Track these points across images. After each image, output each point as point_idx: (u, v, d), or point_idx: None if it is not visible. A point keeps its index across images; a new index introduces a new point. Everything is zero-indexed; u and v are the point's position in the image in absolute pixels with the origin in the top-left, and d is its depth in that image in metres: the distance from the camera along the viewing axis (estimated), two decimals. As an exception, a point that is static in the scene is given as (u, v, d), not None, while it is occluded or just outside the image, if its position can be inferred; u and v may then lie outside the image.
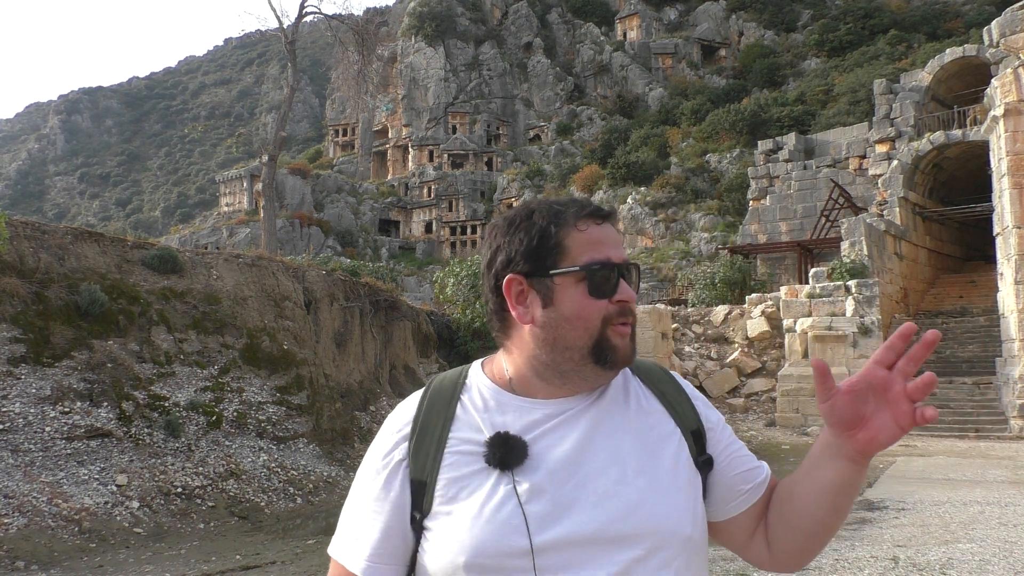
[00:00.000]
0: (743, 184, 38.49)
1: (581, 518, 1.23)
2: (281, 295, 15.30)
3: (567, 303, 1.30)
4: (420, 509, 1.29)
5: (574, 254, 1.31)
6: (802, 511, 1.38)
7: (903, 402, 1.21)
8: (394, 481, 1.32)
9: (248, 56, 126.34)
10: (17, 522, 8.28)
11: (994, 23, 23.15)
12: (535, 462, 1.26)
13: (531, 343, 1.33)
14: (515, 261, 1.32)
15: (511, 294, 1.33)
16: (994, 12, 37.24)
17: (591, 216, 1.34)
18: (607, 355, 1.30)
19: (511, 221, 1.36)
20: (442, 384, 1.40)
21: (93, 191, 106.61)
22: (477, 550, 1.21)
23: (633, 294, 1.35)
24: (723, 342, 21.60)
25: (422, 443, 1.32)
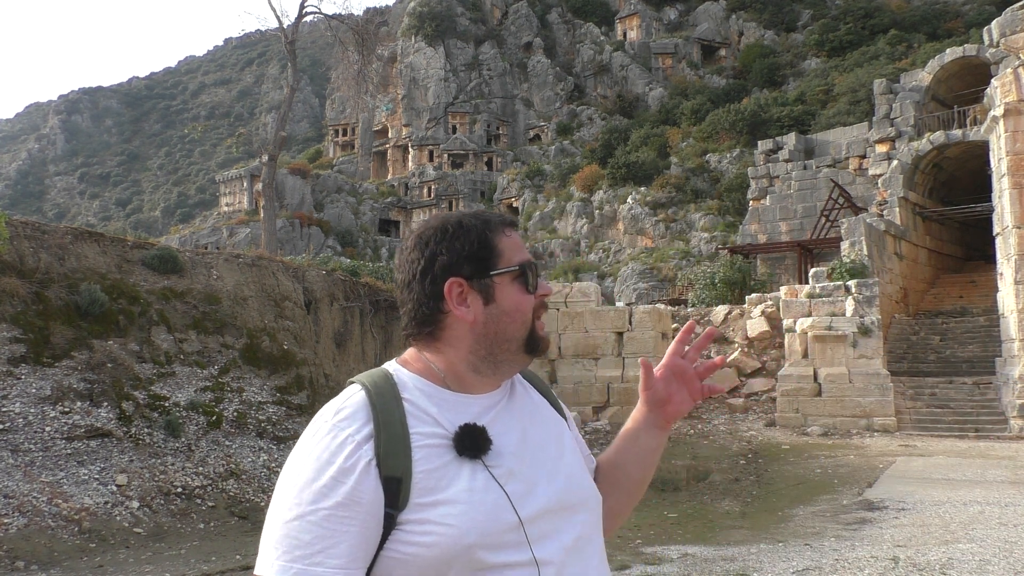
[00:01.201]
0: (743, 184, 38.49)
1: (545, 492, 1.44)
2: (281, 295, 15.30)
3: (506, 299, 1.47)
4: (395, 505, 1.33)
5: (508, 256, 1.48)
6: (626, 474, 1.70)
7: (695, 380, 1.66)
8: (365, 482, 1.32)
9: (248, 56, 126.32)
10: (17, 522, 8.28)
11: (994, 23, 23.15)
12: (495, 448, 1.42)
13: (470, 340, 1.47)
14: (457, 265, 1.45)
15: (452, 296, 1.45)
16: (994, 12, 37.23)
17: (510, 224, 1.54)
18: (536, 344, 1.51)
19: (444, 230, 1.48)
20: (377, 385, 1.43)
21: (93, 191, 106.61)
22: (480, 530, 1.34)
23: (550, 289, 1.56)
24: (723, 342, 21.59)
25: (390, 440, 1.35)
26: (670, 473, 14.02)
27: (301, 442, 1.40)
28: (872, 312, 18.15)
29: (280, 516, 1.33)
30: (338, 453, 1.34)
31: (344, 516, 1.31)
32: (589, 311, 19.60)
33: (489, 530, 1.35)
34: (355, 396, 1.42)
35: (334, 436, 1.36)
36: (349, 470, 1.32)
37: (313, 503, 1.31)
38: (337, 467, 1.32)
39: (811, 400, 18.17)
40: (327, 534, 1.30)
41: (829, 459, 14.06)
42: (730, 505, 10.75)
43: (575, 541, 1.46)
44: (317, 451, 1.35)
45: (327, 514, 1.30)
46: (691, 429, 18.06)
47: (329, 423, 1.38)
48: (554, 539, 1.43)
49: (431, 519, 1.33)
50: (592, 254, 45.47)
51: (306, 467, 1.34)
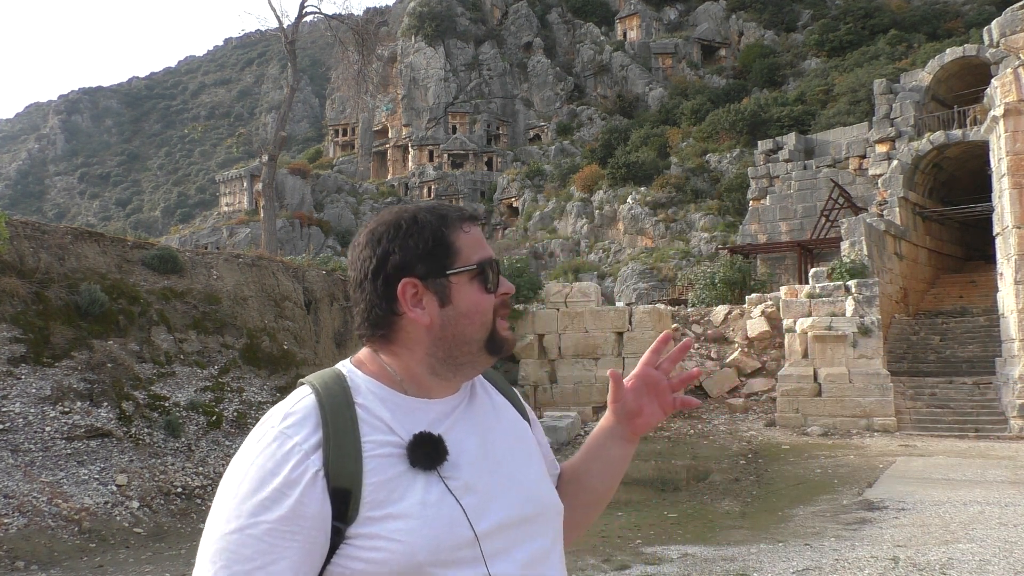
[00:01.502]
0: (743, 184, 38.48)
1: (503, 505, 1.37)
2: (281, 295, 15.31)
3: (464, 300, 1.39)
4: (343, 519, 1.26)
5: (466, 254, 1.40)
6: (588, 487, 1.64)
7: (667, 393, 1.57)
8: (311, 494, 1.24)
9: (248, 56, 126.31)
10: (17, 522, 8.28)
11: (994, 23, 23.15)
12: (452, 459, 1.35)
13: (427, 342, 1.39)
14: (410, 264, 1.37)
15: (406, 297, 1.37)
16: (994, 12, 37.22)
17: (470, 219, 1.44)
18: (498, 345, 1.42)
19: (397, 227, 1.39)
20: (328, 388, 1.35)
21: (93, 191, 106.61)
22: (433, 547, 1.27)
23: (512, 287, 1.47)
24: (723, 342, 21.59)
25: (341, 450, 1.27)
26: (670, 473, 14.03)
27: (245, 448, 1.31)
28: (872, 312, 18.15)
29: (219, 528, 1.24)
30: (283, 463, 1.25)
31: (287, 531, 1.23)
32: (589, 311, 19.60)
33: (442, 546, 1.28)
34: (304, 400, 1.33)
35: (280, 444, 1.27)
36: (294, 482, 1.24)
37: (254, 516, 1.23)
38: (282, 478, 1.24)
39: (811, 400, 18.17)
40: (268, 549, 1.22)
41: (829, 459, 14.06)
42: (730, 505, 10.75)
43: (533, 555, 1.39)
44: (261, 460, 1.26)
45: (269, 528, 1.22)
46: (691, 429, 18.06)
47: (276, 429, 1.29)
48: (511, 554, 1.36)
49: (381, 534, 1.26)
50: (592, 254, 45.47)
51: (249, 477, 1.26)
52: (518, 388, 19.65)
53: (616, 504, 11.16)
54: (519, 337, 19.79)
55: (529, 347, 19.61)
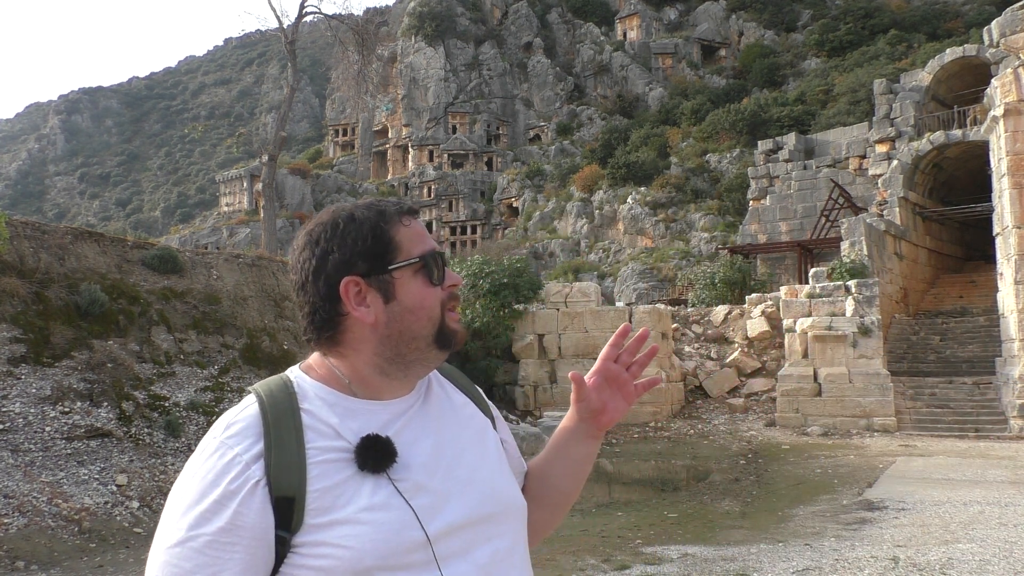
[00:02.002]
0: (743, 184, 38.48)
1: (459, 505, 1.35)
2: (281, 295, 15.31)
3: (409, 295, 1.37)
4: (288, 527, 1.25)
5: (407, 247, 1.38)
6: (554, 486, 1.61)
7: (628, 383, 1.57)
8: (250, 504, 1.23)
9: (248, 56, 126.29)
10: (17, 522, 8.28)
11: (994, 23, 23.15)
12: (403, 460, 1.33)
13: (373, 341, 1.36)
14: (351, 262, 1.35)
15: (349, 296, 1.35)
16: (994, 12, 37.23)
17: (408, 212, 1.42)
18: (448, 340, 1.40)
19: (335, 226, 1.37)
20: (273, 396, 1.33)
21: (93, 191, 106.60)
22: (380, 552, 1.25)
23: (459, 279, 1.45)
24: (723, 342, 21.60)
25: (282, 458, 1.26)
26: (670, 473, 14.03)
27: (191, 461, 1.30)
28: (872, 312, 18.15)
29: (162, 541, 1.24)
30: (223, 474, 1.24)
31: (227, 542, 1.22)
32: (589, 311, 19.61)
33: (391, 550, 1.26)
34: (247, 409, 1.31)
35: (221, 455, 1.26)
36: (233, 493, 1.23)
37: (195, 528, 1.22)
38: (221, 490, 1.23)
39: (811, 400, 18.17)
40: (209, 562, 1.21)
41: (829, 459, 14.06)
42: (730, 505, 10.75)
43: (492, 556, 1.36)
44: (203, 471, 1.25)
45: (208, 540, 1.21)
46: (691, 429, 18.06)
47: (217, 440, 1.28)
48: (469, 555, 1.33)
49: (327, 541, 1.25)
50: (592, 254, 45.47)
51: (190, 489, 1.25)
52: (518, 388, 19.66)
53: (616, 504, 11.17)
54: (519, 337, 19.78)
55: (529, 347, 19.61)
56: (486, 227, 58.71)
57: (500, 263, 21.23)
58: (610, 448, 16.31)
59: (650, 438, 17.26)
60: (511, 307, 19.84)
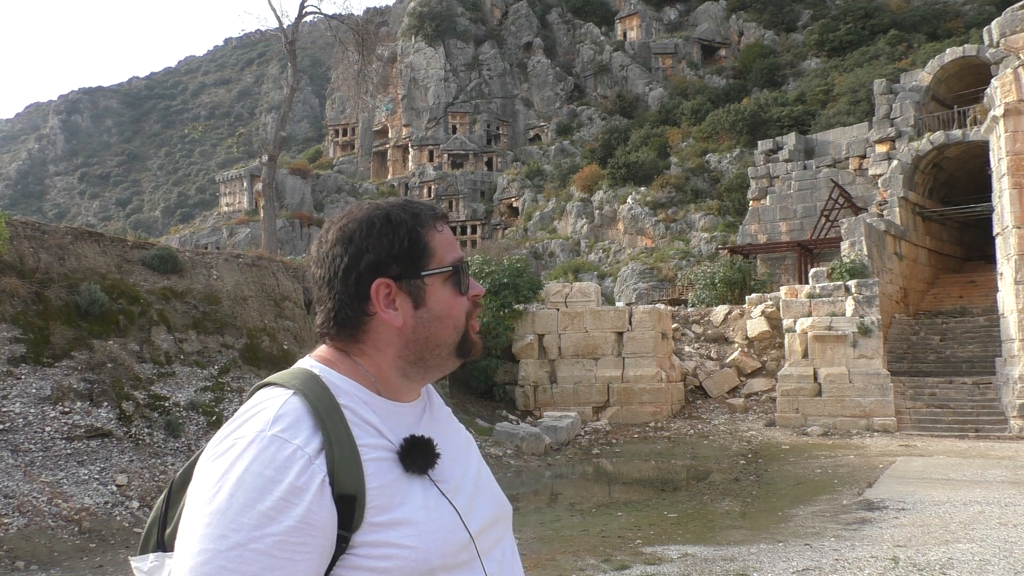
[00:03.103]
0: (743, 184, 38.47)
1: (483, 505, 1.39)
2: (281, 295, 15.31)
3: (438, 303, 1.35)
4: (348, 527, 1.20)
5: (440, 254, 1.36)
6: None
7: None
8: (320, 503, 1.17)
9: (248, 56, 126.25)
10: (17, 522, 8.28)
11: (994, 23, 23.14)
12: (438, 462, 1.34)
13: (398, 344, 1.35)
14: (385, 264, 1.32)
15: (379, 298, 1.32)
16: (994, 12, 37.22)
17: (441, 218, 1.41)
18: (468, 349, 1.40)
19: (370, 224, 1.34)
20: (314, 391, 1.28)
21: (93, 191, 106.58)
22: (442, 551, 1.25)
23: (482, 288, 1.45)
24: (723, 342, 21.60)
25: (343, 453, 1.21)
26: (670, 473, 14.03)
27: (224, 456, 1.19)
28: (872, 312, 18.15)
29: (207, 545, 1.12)
30: (285, 469, 1.16)
31: (298, 543, 1.14)
32: (589, 311, 19.60)
33: (450, 550, 1.26)
34: (291, 402, 1.25)
35: (278, 448, 1.18)
36: (301, 489, 1.16)
37: (258, 528, 1.12)
38: (286, 485, 1.15)
39: (811, 400, 18.17)
40: (278, 564, 1.13)
41: (829, 459, 14.06)
42: (730, 505, 10.75)
43: (504, 554, 1.41)
44: (257, 467, 1.16)
45: (277, 541, 1.13)
46: (691, 429, 18.06)
47: (267, 433, 1.19)
48: (495, 552, 1.37)
49: (390, 541, 1.22)
50: (592, 254, 45.46)
51: (243, 486, 1.14)
52: (518, 388, 19.67)
53: (616, 504, 11.16)
54: (519, 337, 19.78)
55: (529, 347, 19.61)
56: (486, 227, 58.70)
57: (500, 263, 21.23)
58: (610, 448, 16.31)
59: (650, 438, 17.26)
60: (511, 307, 19.84)
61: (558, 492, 12.59)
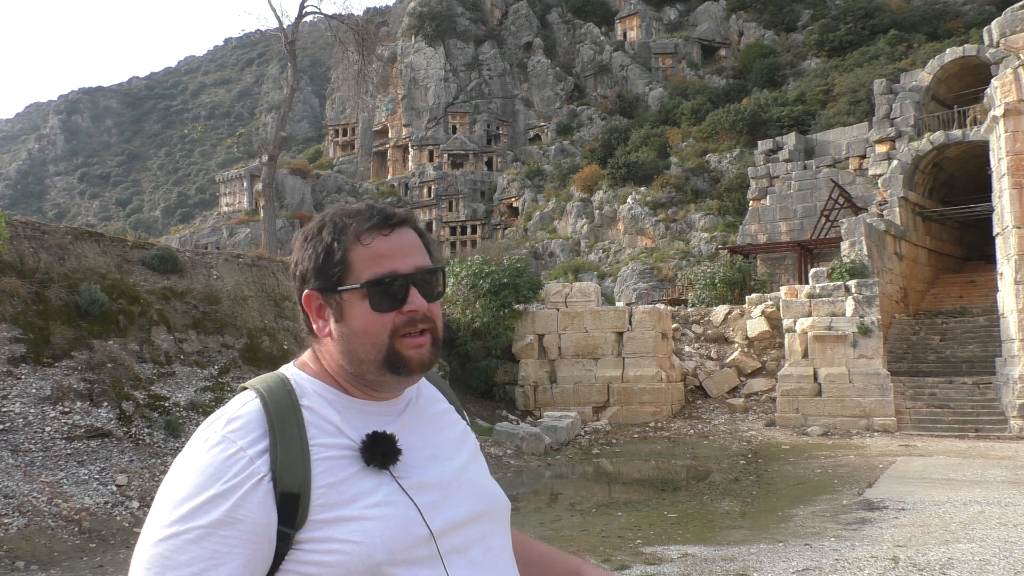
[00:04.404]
0: (743, 184, 38.47)
1: (457, 502, 1.38)
2: (281, 295, 15.31)
3: (355, 319, 1.34)
4: (291, 524, 1.24)
5: (357, 270, 1.34)
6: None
7: None
8: (252, 499, 1.22)
9: (248, 56, 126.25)
10: (17, 522, 8.28)
11: (994, 23, 23.14)
12: (404, 459, 1.35)
13: (335, 354, 1.37)
14: (308, 277, 1.36)
15: (311, 308, 1.37)
16: (994, 12, 37.21)
17: (377, 228, 1.36)
18: (401, 366, 1.35)
19: (306, 235, 1.39)
20: (273, 393, 1.33)
21: (93, 191, 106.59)
22: (389, 546, 1.26)
23: (423, 303, 1.37)
24: (723, 342, 21.60)
25: (287, 454, 1.26)
26: (670, 473, 14.02)
27: (186, 454, 1.28)
28: (872, 312, 18.15)
29: (153, 534, 1.21)
30: (225, 468, 1.23)
31: (226, 536, 1.20)
32: (589, 311, 19.60)
33: (398, 546, 1.27)
34: (249, 404, 1.31)
35: (223, 449, 1.25)
36: (236, 487, 1.22)
37: (191, 520, 1.20)
38: (223, 483, 1.22)
39: (811, 400, 18.17)
40: (206, 555, 1.19)
41: (829, 459, 14.06)
42: (730, 505, 10.75)
43: (487, 553, 1.40)
44: (202, 464, 1.24)
45: (206, 532, 1.19)
46: (691, 429, 18.06)
47: (219, 434, 1.26)
48: (466, 553, 1.36)
49: (334, 536, 1.25)
50: (592, 254, 45.47)
51: (188, 481, 1.23)
52: (518, 388, 19.66)
53: (616, 504, 11.16)
54: (519, 337, 19.78)
55: (529, 347, 19.61)
56: (486, 227, 58.69)
57: (500, 263, 21.22)
58: (610, 448, 16.31)
59: (650, 438, 17.26)
60: (511, 307, 19.83)
61: (558, 492, 12.59)
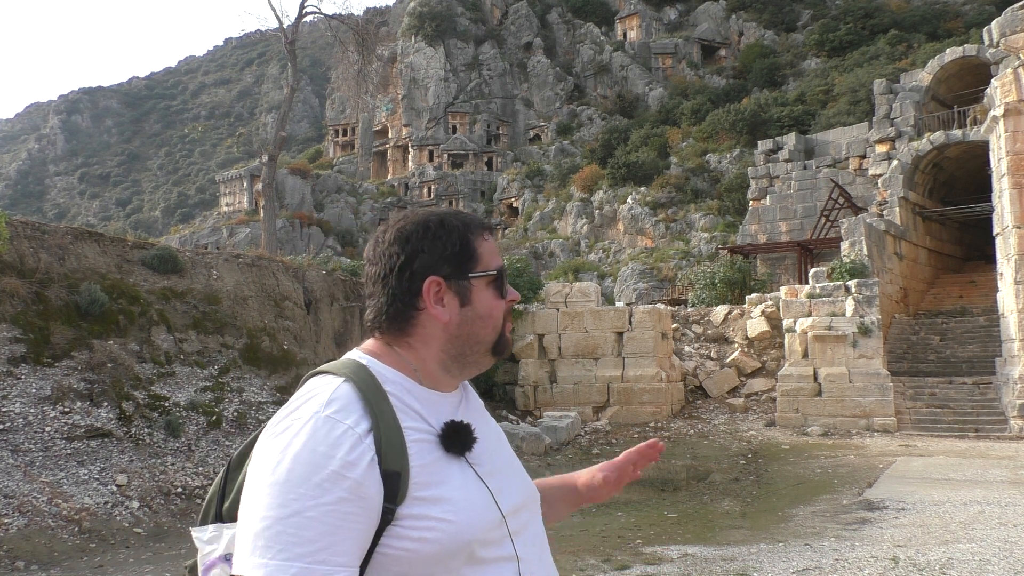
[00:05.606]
0: (743, 184, 38.47)
1: (515, 489, 1.51)
2: (281, 295, 15.31)
3: (481, 303, 1.50)
4: (394, 499, 1.32)
5: (485, 260, 1.50)
6: None
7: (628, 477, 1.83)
8: (369, 477, 1.29)
9: (248, 56, 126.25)
10: (17, 522, 8.28)
11: (994, 23, 23.14)
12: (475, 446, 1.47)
13: (442, 339, 1.48)
14: (436, 265, 1.46)
15: (429, 294, 1.46)
16: (994, 12, 37.21)
17: (489, 229, 1.57)
18: (502, 348, 1.54)
19: (426, 227, 1.48)
20: (362, 379, 1.40)
21: (93, 191, 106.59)
22: (477, 525, 1.38)
23: (518, 294, 1.60)
24: (723, 342, 21.59)
25: (388, 434, 1.34)
26: (670, 473, 14.02)
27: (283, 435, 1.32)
28: (872, 312, 18.15)
29: (268, 514, 1.26)
30: (337, 446, 1.29)
31: (348, 512, 1.27)
32: (589, 311, 19.60)
33: (482, 526, 1.38)
34: (342, 388, 1.38)
35: (331, 428, 1.30)
36: (352, 464, 1.28)
37: (313, 498, 1.26)
38: (339, 460, 1.28)
39: (811, 400, 18.17)
40: (330, 531, 1.26)
41: (829, 459, 14.06)
42: (730, 505, 10.75)
43: (536, 535, 1.54)
44: (312, 444, 1.29)
45: (330, 509, 1.26)
46: (691, 429, 18.06)
47: (322, 415, 1.32)
48: (525, 534, 1.49)
49: (430, 515, 1.34)
50: (592, 254, 45.47)
51: (300, 461, 1.28)
52: (518, 388, 19.66)
53: (616, 504, 11.16)
54: (519, 337, 19.79)
55: (529, 347, 19.61)
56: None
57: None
58: (610, 448, 16.31)
59: (650, 438, 17.25)
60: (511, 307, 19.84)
61: (558, 492, 12.57)
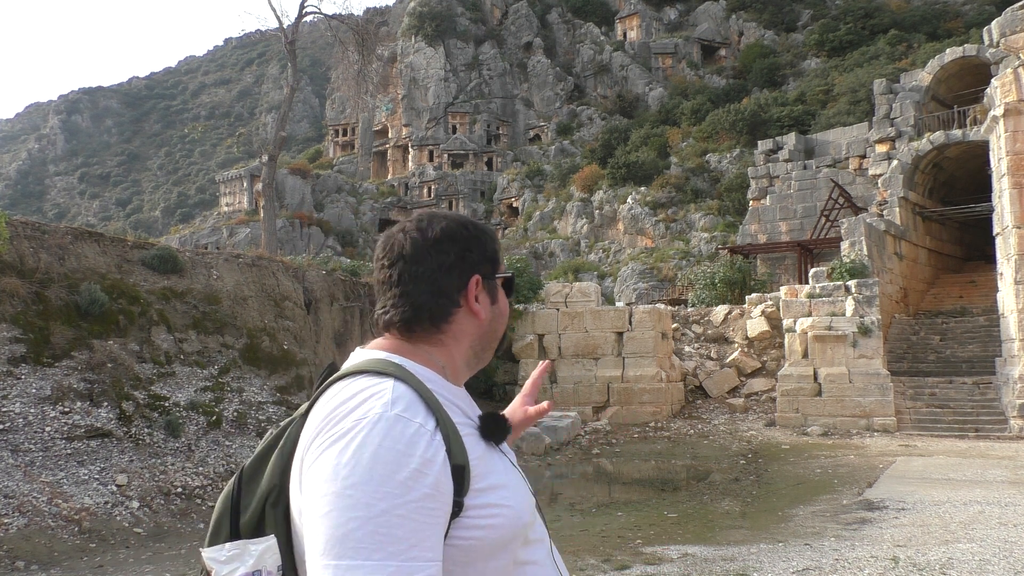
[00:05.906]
0: (743, 184, 38.47)
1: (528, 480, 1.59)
2: (281, 295, 15.31)
3: (502, 302, 1.60)
4: (461, 492, 1.35)
5: (503, 263, 1.61)
6: None
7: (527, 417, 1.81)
8: (445, 473, 1.32)
9: (248, 56, 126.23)
10: (17, 522, 8.28)
11: (994, 23, 23.13)
12: None
13: (474, 335, 1.54)
14: (479, 264, 1.53)
15: (471, 291, 1.52)
16: (994, 12, 37.22)
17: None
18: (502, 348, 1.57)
19: (469, 228, 1.55)
20: (405, 376, 1.41)
21: (93, 191, 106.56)
22: (527, 508, 1.45)
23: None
24: (723, 342, 21.59)
25: (450, 431, 1.37)
26: (670, 473, 14.02)
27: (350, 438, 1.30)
28: (872, 312, 18.15)
29: (356, 514, 1.24)
30: (415, 444, 1.30)
31: (432, 508, 1.29)
32: (589, 311, 19.60)
33: (528, 508, 1.46)
34: (400, 387, 1.37)
35: (404, 426, 1.31)
36: (431, 460, 1.30)
37: (401, 496, 1.26)
38: (418, 458, 1.29)
39: (811, 400, 18.17)
40: (418, 527, 1.26)
41: (829, 459, 14.06)
42: (730, 505, 10.75)
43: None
44: (389, 442, 1.29)
45: (417, 506, 1.27)
46: (691, 429, 18.06)
47: (390, 414, 1.31)
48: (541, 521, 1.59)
49: (492, 502, 1.38)
50: (592, 254, 45.46)
51: (380, 459, 1.27)
52: (518, 388, 19.66)
53: (616, 504, 11.16)
54: (519, 337, 19.79)
55: (529, 347, 19.61)
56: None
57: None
58: (610, 448, 16.31)
59: (650, 438, 17.26)
60: (511, 307, 19.85)
61: (558, 492, 12.59)
